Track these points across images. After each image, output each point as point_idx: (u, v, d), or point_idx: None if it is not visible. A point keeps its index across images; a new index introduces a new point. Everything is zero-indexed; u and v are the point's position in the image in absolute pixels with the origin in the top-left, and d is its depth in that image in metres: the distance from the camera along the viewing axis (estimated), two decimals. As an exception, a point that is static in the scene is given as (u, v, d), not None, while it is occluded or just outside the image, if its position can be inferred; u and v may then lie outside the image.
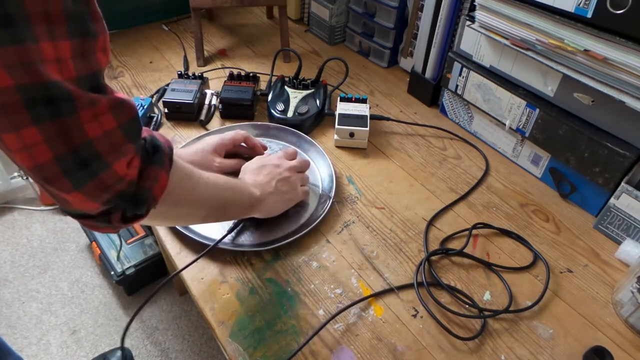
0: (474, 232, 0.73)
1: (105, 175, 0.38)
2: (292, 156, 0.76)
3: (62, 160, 0.35)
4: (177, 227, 0.69)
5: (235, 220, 0.70)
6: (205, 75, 0.98)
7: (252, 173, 0.69)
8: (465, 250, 0.69)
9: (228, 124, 0.91)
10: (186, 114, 0.91)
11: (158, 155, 0.43)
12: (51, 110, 0.33)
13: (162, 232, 0.71)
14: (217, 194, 0.57)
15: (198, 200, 0.53)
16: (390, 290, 0.65)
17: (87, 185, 0.37)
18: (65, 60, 0.33)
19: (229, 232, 0.68)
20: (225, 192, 0.59)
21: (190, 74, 0.97)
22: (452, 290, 0.64)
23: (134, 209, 0.42)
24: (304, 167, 0.75)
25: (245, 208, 0.64)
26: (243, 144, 0.79)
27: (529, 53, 0.72)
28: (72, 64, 0.34)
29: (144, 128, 0.44)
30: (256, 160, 0.72)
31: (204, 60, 1.10)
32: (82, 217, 0.41)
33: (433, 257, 0.69)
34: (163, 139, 0.46)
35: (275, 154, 0.76)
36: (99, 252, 1.37)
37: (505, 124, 0.84)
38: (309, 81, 0.96)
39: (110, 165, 0.38)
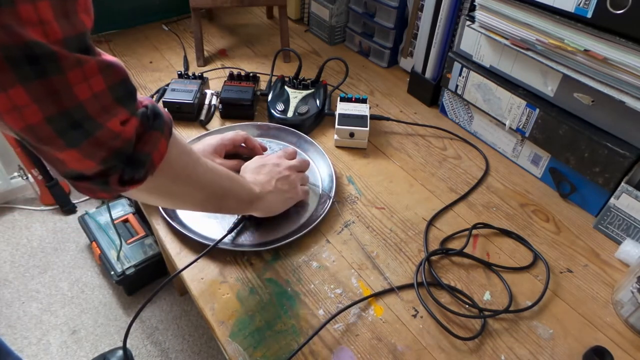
0: (474, 232, 0.73)
1: (100, 133, 0.38)
2: (292, 156, 0.76)
3: (53, 121, 0.35)
4: (176, 226, 0.69)
5: (236, 220, 0.70)
6: (205, 75, 0.98)
7: (252, 172, 0.69)
8: (465, 250, 0.69)
9: (228, 124, 0.91)
10: (186, 114, 0.91)
11: (159, 122, 0.43)
12: (36, 70, 0.33)
13: (162, 232, 0.71)
14: (216, 180, 0.57)
15: (196, 180, 0.53)
16: (390, 290, 0.65)
17: (82, 143, 0.37)
18: (50, 22, 0.33)
19: (229, 232, 0.68)
20: (224, 180, 0.59)
21: (190, 74, 0.97)
22: (452, 290, 0.64)
23: (132, 171, 0.42)
24: (303, 166, 0.75)
25: (244, 203, 0.63)
26: (243, 144, 0.79)
27: (529, 53, 0.72)
28: (57, 26, 0.34)
29: (145, 97, 0.44)
30: (256, 160, 0.72)
31: (204, 60, 1.10)
32: (77, 178, 0.41)
33: (433, 257, 0.69)
34: (164, 110, 0.46)
35: (274, 153, 0.76)
36: (99, 252, 1.37)
37: (505, 124, 0.84)
38: (309, 81, 0.96)
39: (104, 125, 0.38)
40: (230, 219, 0.72)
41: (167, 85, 0.94)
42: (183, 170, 0.50)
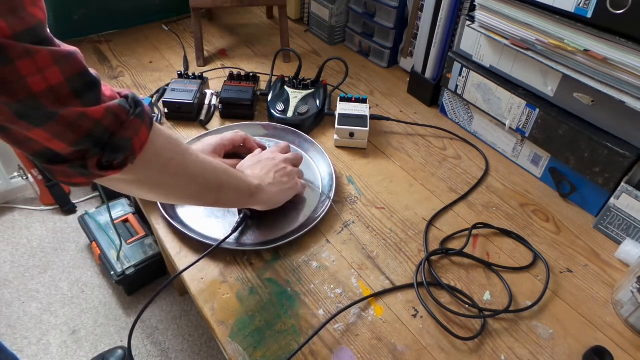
0: (474, 232, 0.73)
1: (63, 112, 0.37)
2: (285, 150, 0.76)
3: (10, 106, 0.35)
4: (177, 226, 0.69)
5: (238, 220, 0.70)
6: (205, 75, 0.98)
7: (249, 169, 0.69)
8: (465, 250, 0.69)
9: (228, 124, 0.90)
10: (186, 114, 0.91)
11: (140, 110, 0.43)
12: None
13: (162, 232, 0.71)
14: (210, 172, 0.57)
15: (186, 171, 0.53)
16: (390, 290, 0.65)
17: (47, 123, 0.37)
18: None
19: (233, 232, 0.68)
20: (220, 173, 0.58)
21: (190, 74, 0.97)
22: (452, 290, 0.64)
23: (111, 155, 0.42)
24: (297, 160, 0.76)
25: (245, 195, 0.63)
26: (242, 144, 0.79)
27: (529, 53, 0.72)
28: (3, 23, 0.33)
29: (125, 89, 0.44)
30: (250, 158, 0.72)
31: (204, 60, 1.10)
32: (54, 161, 0.40)
33: (433, 257, 0.69)
34: (144, 102, 0.46)
35: (268, 149, 0.76)
36: (99, 252, 1.37)
37: (505, 124, 0.84)
38: (309, 81, 0.96)
39: (66, 107, 0.37)
40: (230, 218, 0.72)
41: (167, 85, 0.94)
42: (171, 161, 0.50)
